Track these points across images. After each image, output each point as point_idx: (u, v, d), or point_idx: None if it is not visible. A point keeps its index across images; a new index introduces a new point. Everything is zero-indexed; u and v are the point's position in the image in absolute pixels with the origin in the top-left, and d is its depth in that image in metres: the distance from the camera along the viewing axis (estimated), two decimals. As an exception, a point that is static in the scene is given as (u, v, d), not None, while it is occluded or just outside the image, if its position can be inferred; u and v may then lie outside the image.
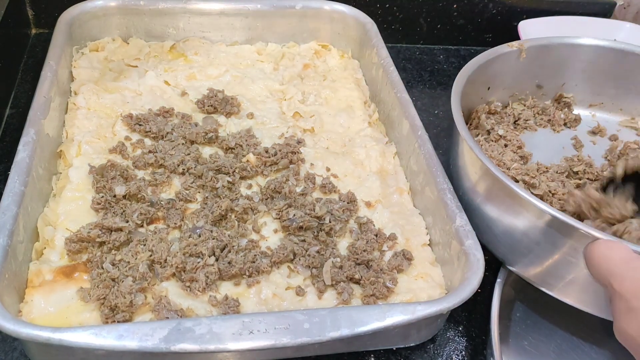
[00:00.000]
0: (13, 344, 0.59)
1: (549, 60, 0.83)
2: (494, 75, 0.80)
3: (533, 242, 0.59)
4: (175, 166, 0.71)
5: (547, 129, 0.84)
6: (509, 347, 0.65)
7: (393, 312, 0.53)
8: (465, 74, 0.73)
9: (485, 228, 0.64)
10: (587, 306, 0.59)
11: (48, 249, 0.61)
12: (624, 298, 0.46)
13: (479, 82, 0.77)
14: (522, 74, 0.83)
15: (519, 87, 0.85)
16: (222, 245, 0.62)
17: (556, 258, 0.57)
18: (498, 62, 0.79)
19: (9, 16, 0.88)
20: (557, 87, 0.86)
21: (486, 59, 0.77)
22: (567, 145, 0.82)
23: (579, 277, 0.56)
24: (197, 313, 0.57)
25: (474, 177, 0.65)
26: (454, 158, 0.70)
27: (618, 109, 0.86)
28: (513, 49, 0.79)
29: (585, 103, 0.87)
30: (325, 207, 0.67)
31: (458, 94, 0.69)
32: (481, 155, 0.61)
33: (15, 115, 0.84)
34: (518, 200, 0.58)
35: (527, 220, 0.58)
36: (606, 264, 0.49)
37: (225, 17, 0.92)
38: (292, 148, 0.74)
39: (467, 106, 0.69)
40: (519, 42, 0.80)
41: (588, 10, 1.10)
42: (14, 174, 0.60)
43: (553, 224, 0.55)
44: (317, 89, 0.88)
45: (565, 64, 0.84)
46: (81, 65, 0.84)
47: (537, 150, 0.79)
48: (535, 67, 0.83)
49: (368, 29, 0.91)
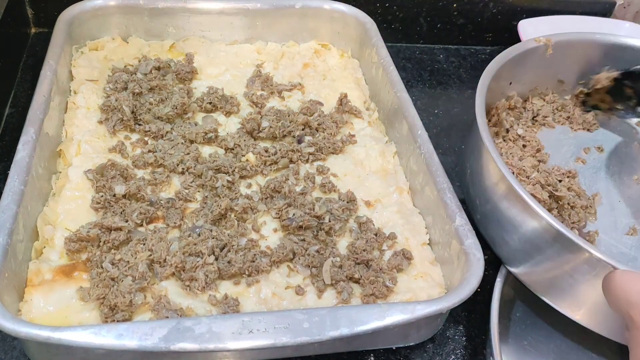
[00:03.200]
0: (12, 343, 0.59)
1: (572, 57, 0.83)
2: (517, 71, 0.80)
3: (544, 257, 0.59)
4: (175, 165, 0.71)
5: (565, 126, 0.84)
6: (508, 346, 0.65)
7: (393, 311, 0.53)
8: (491, 71, 0.72)
9: (498, 235, 0.64)
10: (593, 325, 0.59)
11: (48, 248, 0.61)
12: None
13: (502, 77, 0.77)
14: (545, 70, 0.83)
15: (540, 82, 0.85)
16: (221, 245, 0.62)
17: (567, 275, 0.58)
18: (523, 58, 0.78)
19: (9, 15, 0.88)
20: (577, 83, 0.86)
21: (513, 55, 0.76)
22: (583, 146, 0.82)
23: (589, 296, 0.57)
24: (196, 312, 0.57)
25: (492, 181, 0.64)
26: (473, 161, 0.69)
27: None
28: (540, 45, 0.79)
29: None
30: (325, 207, 0.67)
31: (483, 94, 0.69)
32: (503, 168, 0.60)
33: (15, 114, 0.84)
34: (535, 216, 0.57)
35: (539, 236, 0.58)
36: (625, 295, 0.49)
37: (225, 16, 0.92)
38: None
39: (487, 100, 0.68)
40: (546, 37, 0.80)
41: (588, 9, 1.10)
42: (14, 173, 0.60)
43: (565, 243, 0.55)
44: (316, 88, 0.88)
45: (589, 60, 0.83)
46: (81, 64, 0.83)
47: (554, 150, 0.79)
48: (559, 62, 0.83)
49: (368, 28, 0.91)
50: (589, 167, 0.79)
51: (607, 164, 0.80)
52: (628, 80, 0.81)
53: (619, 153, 0.82)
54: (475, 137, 0.66)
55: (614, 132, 0.85)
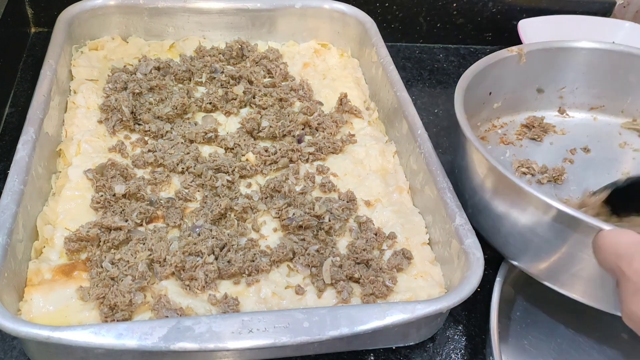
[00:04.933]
0: (12, 343, 0.59)
1: (549, 64, 0.83)
2: (495, 81, 0.80)
3: (540, 237, 0.59)
4: (175, 165, 0.71)
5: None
6: (508, 346, 0.65)
7: (393, 311, 0.53)
8: (466, 79, 0.73)
9: (491, 225, 0.64)
10: (593, 300, 0.59)
11: (47, 247, 0.61)
12: (632, 280, 0.47)
13: (481, 87, 0.77)
14: (523, 79, 0.83)
15: (520, 92, 0.85)
16: (221, 244, 0.62)
17: (562, 252, 0.58)
18: (498, 67, 0.79)
19: (9, 15, 0.88)
20: (558, 91, 0.87)
21: (486, 65, 0.77)
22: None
23: (584, 270, 0.57)
24: (196, 312, 0.57)
25: (480, 176, 0.65)
26: (459, 159, 0.70)
27: (619, 111, 0.87)
28: (513, 54, 0.79)
29: (587, 106, 0.87)
30: (325, 206, 0.67)
31: (461, 99, 0.69)
32: (486, 154, 0.61)
33: (15, 114, 0.84)
34: (523, 196, 0.58)
35: (533, 215, 0.58)
36: (614, 249, 0.50)
37: (225, 16, 0.92)
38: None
39: (469, 111, 0.69)
40: (518, 47, 0.80)
41: (588, 9, 1.10)
42: (14, 173, 0.60)
43: (559, 218, 0.56)
44: (316, 87, 0.88)
45: (565, 67, 0.84)
46: (80, 64, 0.84)
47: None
48: (536, 71, 0.83)
49: (368, 28, 0.91)
50: (577, 166, 0.80)
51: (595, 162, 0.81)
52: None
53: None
54: (458, 134, 0.67)
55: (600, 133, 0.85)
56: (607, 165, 0.81)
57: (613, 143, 0.84)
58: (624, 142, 0.83)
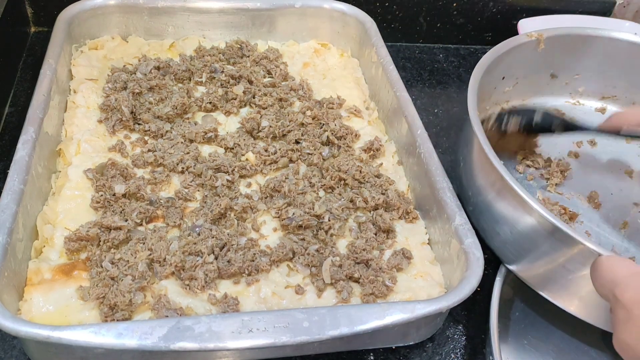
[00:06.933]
0: (12, 343, 0.59)
1: (566, 51, 0.83)
2: (510, 65, 0.80)
3: (537, 248, 0.59)
4: (175, 165, 0.71)
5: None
6: (508, 345, 0.65)
7: (392, 310, 0.53)
8: (483, 65, 0.72)
9: (491, 227, 0.64)
10: (585, 315, 0.60)
11: (47, 247, 0.61)
12: (625, 307, 0.47)
13: (495, 72, 0.77)
14: (538, 64, 0.83)
15: (532, 77, 0.84)
16: (221, 244, 0.62)
17: (558, 266, 0.58)
18: (515, 53, 0.78)
19: (8, 14, 0.88)
20: (571, 78, 0.86)
21: (504, 50, 0.76)
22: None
23: (581, 288, 0.58)
24: (196, 312, 0.57)
25: (486, 178, 0.65)
26: (466, 152, 0.69)
27: (631, 103, 0.86)
28: (532, 39, 0.79)
29: (598, 95, 0.87)
30: (325, 206, 0.67)
31: (475, 88, 0.69)
32: (495, 161, 0.60)
33: (15, 113, 0.84)
34: (526, 208, 0.58)
35: (533, 228, 0.58)
36: (611, 276, 0.51)
37: (225, 16, 0.92)
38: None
39: (480, 96, 0.69)
40: (538, 32, 0.79)
41: (588, 8, 1.10)
42: (13, 172, 0.60)
43: (558, 235, 0.56)
44: (316, 87, 0.88)
45: (582, 55, 0.84)
46: (80, 63, 0.83)
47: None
48: (552, 57, 0.83)
49: (367, 28, 0.91)
50: (581, 162, 0.80)
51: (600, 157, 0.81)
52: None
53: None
54: (468, 129, 0.67)
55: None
56: (612, 163, 0.81)
57: (620, 137, 0.83)
58: (631, 138, 0.83)
